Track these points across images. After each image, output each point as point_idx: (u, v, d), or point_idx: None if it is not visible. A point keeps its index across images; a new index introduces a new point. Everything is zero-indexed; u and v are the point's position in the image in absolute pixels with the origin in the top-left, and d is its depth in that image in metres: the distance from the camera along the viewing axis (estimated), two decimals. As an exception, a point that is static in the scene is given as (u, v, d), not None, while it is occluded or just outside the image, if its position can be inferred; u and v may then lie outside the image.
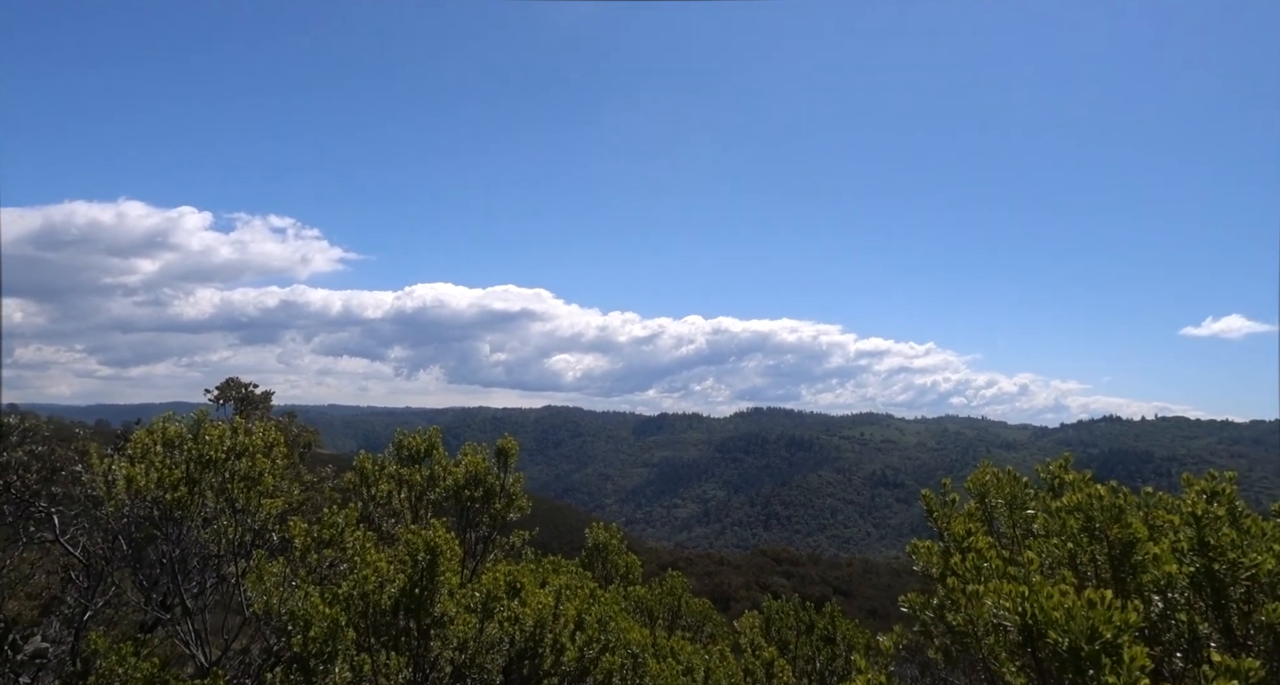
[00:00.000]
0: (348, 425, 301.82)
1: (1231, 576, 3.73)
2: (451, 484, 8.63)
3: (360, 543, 6.23)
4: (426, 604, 6.05)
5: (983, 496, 5.76)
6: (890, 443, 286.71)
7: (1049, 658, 3.03)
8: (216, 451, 6.96)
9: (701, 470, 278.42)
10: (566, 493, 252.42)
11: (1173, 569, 3.89)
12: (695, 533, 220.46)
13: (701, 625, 10.46)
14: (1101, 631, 2.89)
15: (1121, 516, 4.10)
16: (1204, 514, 3.81)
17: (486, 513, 8.73)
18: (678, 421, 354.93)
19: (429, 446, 8.86)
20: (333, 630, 5.56)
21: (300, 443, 11.84)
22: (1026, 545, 5.39)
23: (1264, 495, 8.62)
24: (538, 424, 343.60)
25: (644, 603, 10.00)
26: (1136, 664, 2.78)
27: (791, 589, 47.14)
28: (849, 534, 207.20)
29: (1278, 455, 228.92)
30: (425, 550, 6.21)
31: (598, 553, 10.94)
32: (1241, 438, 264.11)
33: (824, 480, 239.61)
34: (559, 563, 9.62)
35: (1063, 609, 2.96)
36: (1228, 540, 3.78)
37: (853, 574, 68.15)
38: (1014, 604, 3.17)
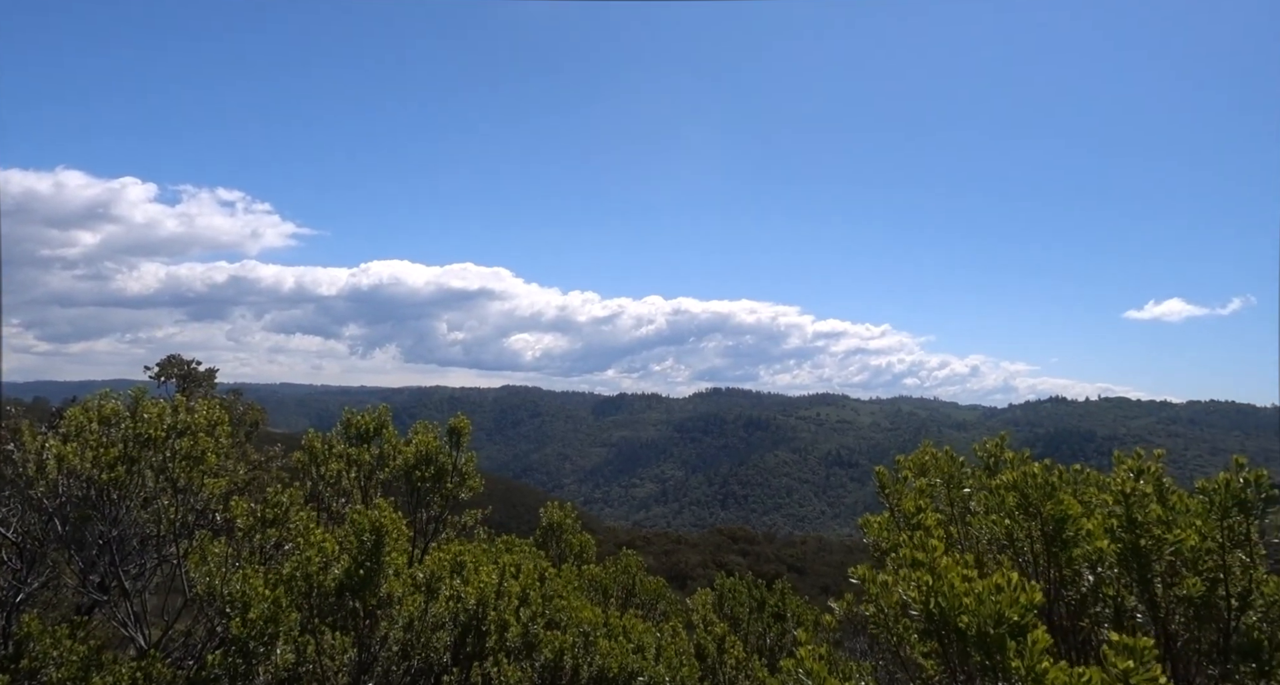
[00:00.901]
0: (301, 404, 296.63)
1: (1157, 552, 3.87)
2: (402, 463, 8.52)
3: (304, 523, 6.12)
4: (372, 584, 5.98)
5: (922, 475, 5.88)
6: (845, 423, 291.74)
7: (956, 641, 3.11)
8: (156, 430, 6.76)
9: (660, 450, 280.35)
10: (525, 473, 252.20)
11: (1103, 544, 4.01)
12: (654, 512, 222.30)
13: (655, 603, 10.56)
14: (1008, 615, 2.97)
15: (1054, 494, 4.21)
16: (1132, 491, 3.93)
17: (438, 492, 8.64)
18: (637, 402, 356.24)
19: (378, 425, 8.73)
20: (273, 612, 5.47)
21: (247, 421, 11.57)
22: (967, 522, 5.53)
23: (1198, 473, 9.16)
24: (496, 404, 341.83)
25: (598, 581, 10.05)
26: (1039, 646, 2.86)
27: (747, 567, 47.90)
28: (804, 513, 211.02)
29: (1212, 434, 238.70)
30: (371, 530, 6.13)
31: (552, 532, 10.95)
32: (1179, 418, 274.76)
33: (781, 460, 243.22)
34: (512, 542, 9.61)
35: (972, 594, 3.03)
36: (1154, 517, 3.92)
37: (807, 552, 69.51)
38: (920, 593, 3.24)
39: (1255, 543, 3.77)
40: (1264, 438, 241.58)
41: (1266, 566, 3.87)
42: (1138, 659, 2.77)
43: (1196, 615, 3.78)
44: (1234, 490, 3.69)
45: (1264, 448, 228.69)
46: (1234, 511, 3.70)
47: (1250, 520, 3.73)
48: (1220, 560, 3.76)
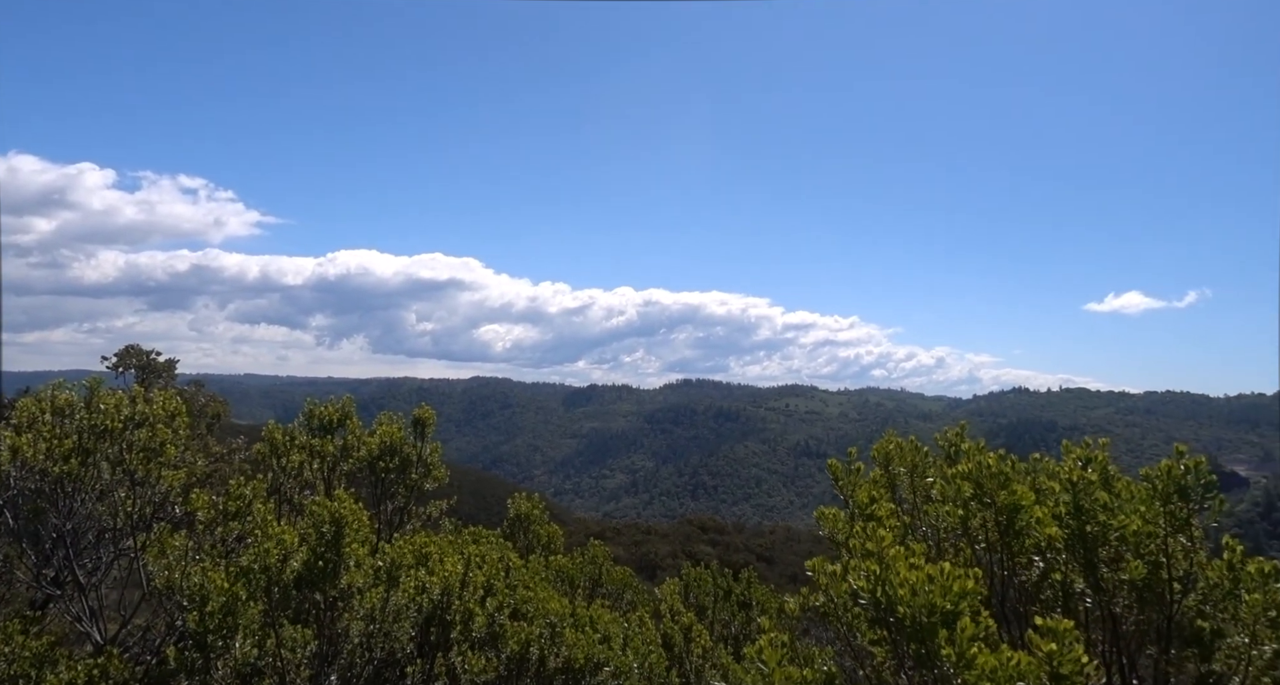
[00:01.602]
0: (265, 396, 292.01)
1: (1102, 537, 3.98)
2: (366, 454, 8.46)
3: (263, 515, 6.05)
4: (332, 576, 5.94)
5: (886, 465, 5.98)
6: (814, 414, 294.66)
7: (897, 629, 3.19)
8: (113, 421, 6.62)
9: (630, 441, 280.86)
10: (495, 464, 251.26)
11: (1052, 531, 4.13)
12: (624, 503, 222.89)
13: (622, 593, 10.62)
14: (939, 604, 3.05)
15: (1008, 483, 4.32)
16: (1079, 480, 4.05)
17: (402, 483, 8.60)
18: (607, 393, 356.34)
19: (342, 416, 8.65)
20: (232, 605, 5.41)
21: (208, 413, 11.37)
22: (924, 510, 5.64)
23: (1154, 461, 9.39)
24: (466, 395, 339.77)
25: (565, 572, 10.08)
26: (967, 633, 2.94)
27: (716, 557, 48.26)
28: (773, 503, 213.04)
29: (1168, 424, 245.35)
30: (331, 522, 6.08)
31: (519, 523, 10.94)
32: (1136, 408, 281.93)
33: (750, 451, 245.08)
34: (479, 533, 9.59)
35: (909, 584, 3.11)
36: (1099, 504, 4.03)
37: (775, 541, 70.24)
38: (868, 582, 3.32)
39: (1195, 527, 3.90)
40: (1217, 427, 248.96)
41: (1207, 550, 4.00)
42: (1061, 641, 2.86)
43: (1139, 598, 3.90)
44: (1175, 477, 3.81)
45: (1217, 437, 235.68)
46: (1175, 498, 3.82)
47: (1191, 506, 3.85)
48: (1163, 545, 3.88)
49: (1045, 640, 3.00)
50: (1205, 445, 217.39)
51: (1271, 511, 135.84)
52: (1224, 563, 3.72)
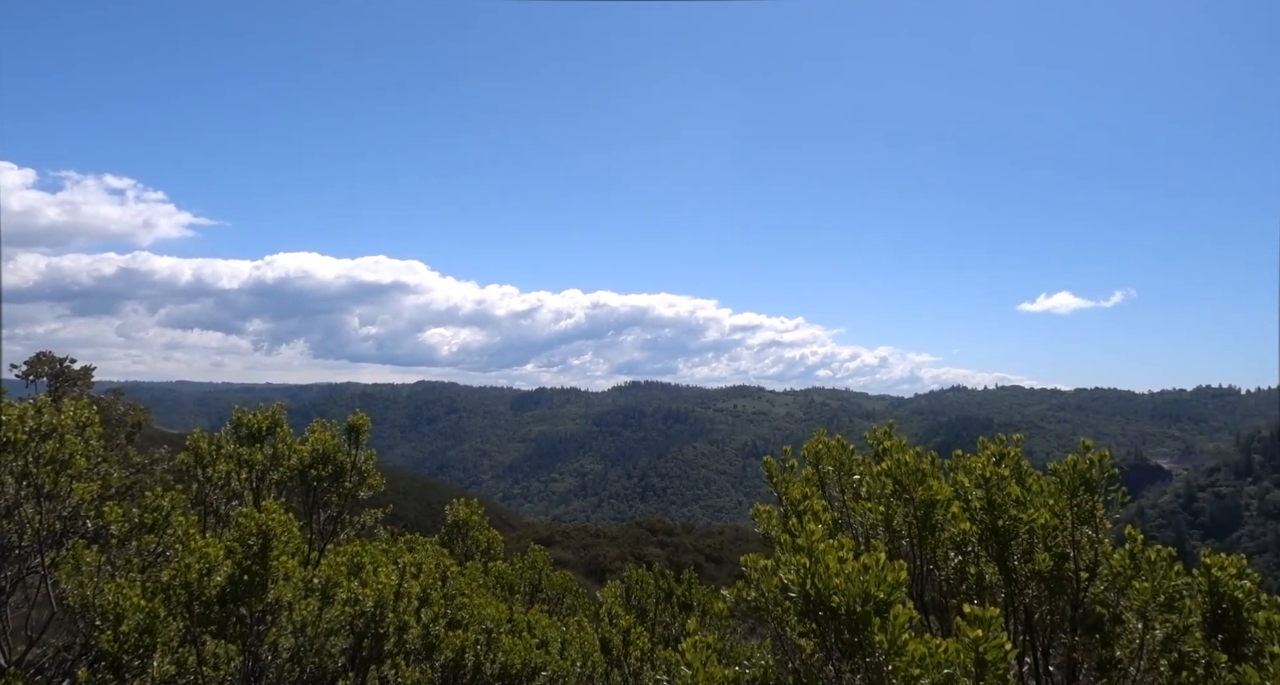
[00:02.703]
0: (199, 403, 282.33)
1: (1013, 531, 4.13)
2: (297, 463, 8.24)
3: (184, 528, 5.85)
4: (258, 590, 5.77)
5: (817, 463, 6.09)
6: (761, 414, 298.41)
7: (829, 620, 3.26)
8: (16, 433, 6.31)
9: (579, 444, 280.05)
10: (441, 470, 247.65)
11: (966, 526, 4.26)
12: (573, 506, 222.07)
13: (562, 598, 10.57)
14: (874, 593, 3.13)
15: (925, 480, 4.44)
16: (991, 475, 4.19)
17: (335, 492, 8.41)
18: (556, 396, 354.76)
19: (272, 424, 8.41)
20: (149, 623, 5.22)
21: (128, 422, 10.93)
22: (851, 508, 5.76)
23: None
24: (411, 400, 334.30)
25: (504, 578, 9.99)
26: (900, 621, 3.03)
27: (665, 558, 48.41)
28: (722, 503, 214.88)
29: (1097, 419, 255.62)
30: (258, 533, 5.91)
31: (457, 529, 10.80)
32: (1067, 404, 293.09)
33: (699, 452, 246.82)
34: (415, 541, 9.44)
35: (843, 575, 3.18)
36: (1012, 498, 4.18)
37: (724, 542, 70.80)
38: (798, 576, 3.39)
39: (1100, 519, 4.07)
40: (1142, 422, 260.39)
41: (1112, 540, 4.18)
42: (986, 628, 2.97)
43: (1048, 588, 4.06)
44: (1081, 471, 3.97)
45: (1142, 431, 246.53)
46: (1081, 490, 3.98)
47: (1095, 498, 4.02)
48: (1070, 536, 4.04)
49: (972, 627, 3.11)
50: (1131, 440, 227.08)
51: (1192, 502, 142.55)
52: (1125, 551, 3.88)
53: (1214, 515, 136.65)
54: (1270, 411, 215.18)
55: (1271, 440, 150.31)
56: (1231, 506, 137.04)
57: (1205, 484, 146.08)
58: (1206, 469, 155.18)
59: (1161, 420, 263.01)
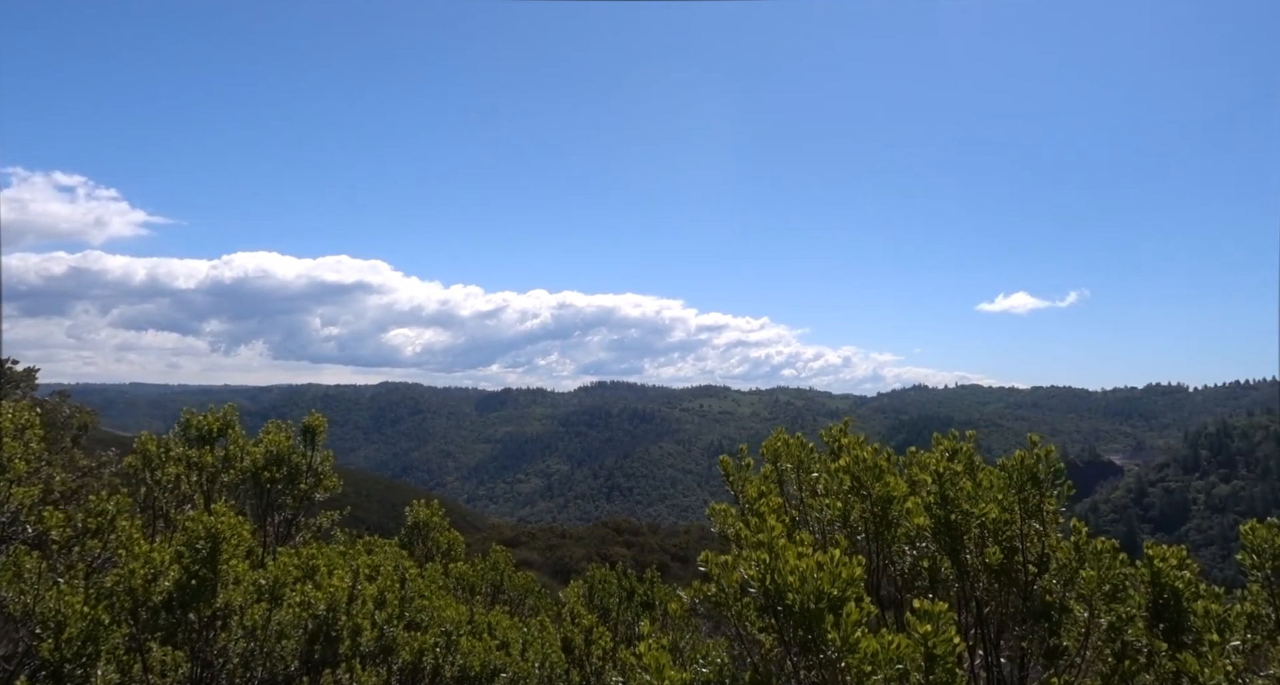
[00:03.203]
0: (154, 406, 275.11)
1: (965, 525, 4.20)
2: (250, 465, 8.07)
3: (129, 532, 5.69)
4: (206, 594, 5.63)
5: (775, 461, 6.13)
6: (727, 414, 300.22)
7: (785, 616, 3.28)
8: (-48, 437, 6.08)
9: (545, 445, 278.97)
10: (405, 471, 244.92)
11: (920, 521, 4.32)
12: (539, 507, 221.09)
13: (524, 598, 10.51)
14: (827, 590, 3.15)
15: (882, 476, 4.50)
16: (944, 471, 4.25)
17: (290, 494, 8.25)
18: (521, 396, 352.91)
19: (224, 425, 8.23)
20: (92, 631, 5.06)
21: (74, 424, 10.61)
22: (810, 505, 5.81)
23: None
24: (374, 401, 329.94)
25: (465, 579, 9.89)
26: (852, 619, 3.05)
27: (631, 558, 48.41)
28: (688, 503, 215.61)
29: (1053, 417, 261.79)
30: (206, 537, 5.77)
31: (418, 531, 10.68)
32: (1024, 402, 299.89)
33: (665, 451, 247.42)
34: (373, 543, 9.30)
35: (798, 572, 3.20)
36: (964, 493, 4.25)
37: (689, 541, 71.06)
38: (758, 572, 3.40)
39: (1048, 512, 4.15)
40: (1095, 419, 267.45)
41: (1059, 533, 4.27)
42: (935, 623, 3.00)
43: (999, 581, 4.13)
44: (1028, 466, 4.05)
45: (1095, 428, 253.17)
46: (1029, 485, 4.06)
47: (1043, 492, 4.10)
48: (1018, 529, 4.12)
49: (921, 622, 3.15)
50: (1086, 436, 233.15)
51: (1143, 497, 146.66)
52: (1071, 543, 3.97)
53: (1163, 509, 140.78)
54: (1216, 408, 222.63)
55: (1217, 436, 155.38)
56: (1180, 501, 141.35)
57: (1155, 479, 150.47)
58: (1156, 465, 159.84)
59: (1114, 417, 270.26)
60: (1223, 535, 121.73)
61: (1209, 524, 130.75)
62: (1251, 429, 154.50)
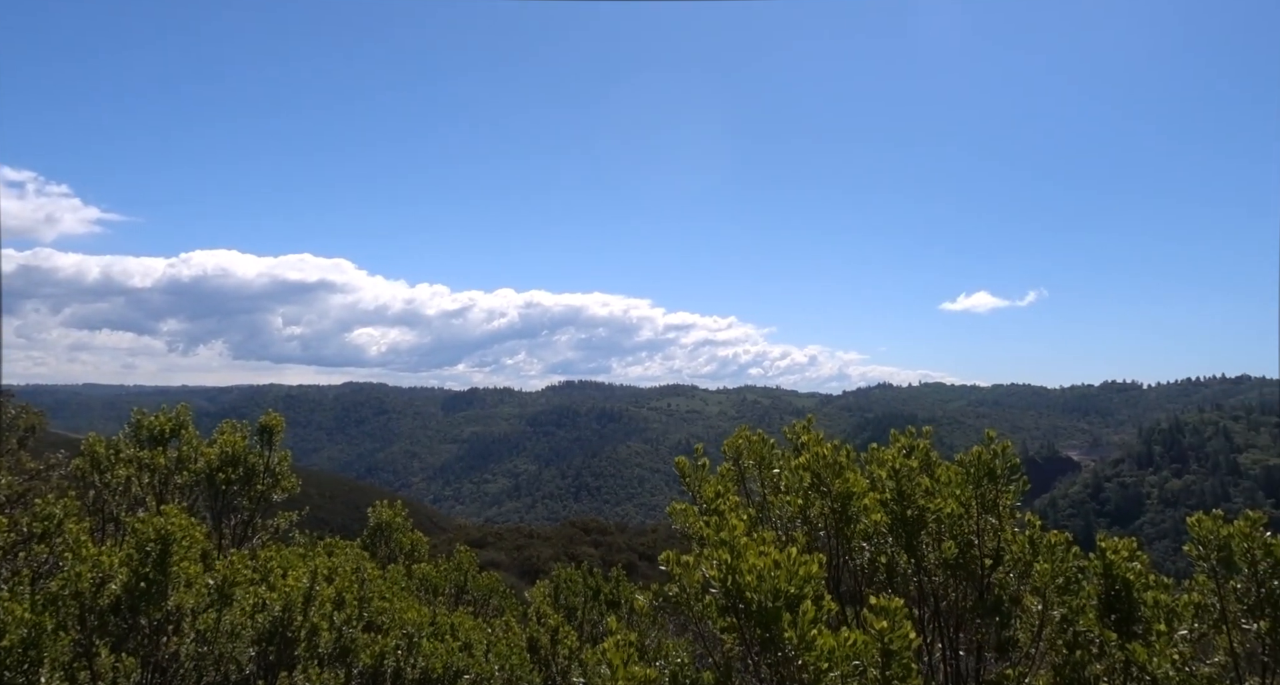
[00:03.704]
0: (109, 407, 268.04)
1: (921, 520, 4.24)
2: (204, 466, 7.88)
3: (76, 536, 5.52)
4: (157, 598, 5.49)
5: (737, 458, 6.15)
6: (695, 413, 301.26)
7: (744, 615, 3.29)
8: (-113, 438, 5.85)
9: (513, 445, 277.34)
10: (370, 472, 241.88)
11: (878, 517, 4.36)
12: (506, 507, 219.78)
13: (488, 599, 10.42)
14: (784, 588, 3.17)
15: (841, 472, 4.53)
16: (901, 467, 4.29)
17: (246, 495, 8.08)
18: (488, 396, 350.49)
19: (177, 426, 8.02)
20: (35, 637, 4.89)
21: (20, 426, 10.26)
22: (771, 502, 5.84)
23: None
24: (338, 401, 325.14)
25: (428, 580, 9.78)
26: (808, 617, 3.07)
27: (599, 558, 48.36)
28: (656, 502, 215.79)
29: (1013, 414, 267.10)
30: (156, 539, 5.62)
31: (380, 532, 10.53)
32: (985, 399, 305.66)
33: (633, 451, 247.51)
34: (334, 544, 9.15)
35: (756, 571, 3.21)
36: (921, 489, 4.30)
37: (657, 540, 71.17)
38: (719, 572, 3.41)
39: (1004, 507, 4.22)
40: (1054, 416, 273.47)
41: (1013, 527, 4.34)
42: (891, 618, 3.03)
43: (955, 575, 4.18)
44: (985, 461, 4.10)
45: (1054, 425, 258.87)
46: (984, 480, 4.12)
47: (999, 487, 4.16)
48: (975, 524, 4.18)
49: (877, 618, 3.17)
50: (1045, 433, 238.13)
51: (1099, 492, 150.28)
52: (1025, 537, 4.03)
53: (1119, 504, 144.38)
54: (1169, 405, 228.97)
55: (1170, 432, 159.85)
56: (1134, 495, 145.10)
57: (1111, 474, 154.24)
58: (1112, 460, 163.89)
59: (1071, 414, 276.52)
60: (1174, 528, 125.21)
61: (1162, 518, 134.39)
62: (1202, 425, 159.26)
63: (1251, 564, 3.73)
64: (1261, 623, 3.72)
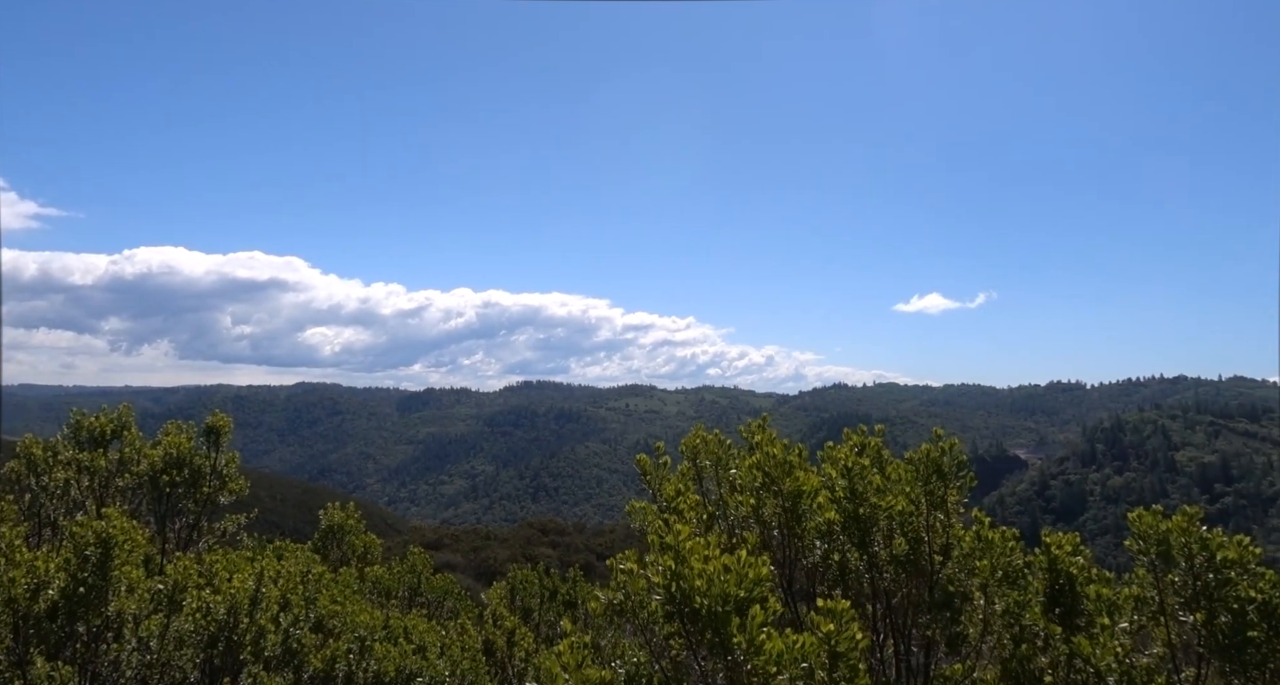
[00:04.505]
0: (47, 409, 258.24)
1: (874, 518, 4.31)
2: (147, 468, 7.64)
3: (9, 540, 5.30)
4: (96, 603, 5.31)
5: (694, 458, 6.17)
6: (653, 413, 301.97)
7: (692, 620, 3.30)
8: None
9: (470, 446, 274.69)
10: (323, 474, 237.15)
11: (830, 515, 4.42)
12: (463, 509, 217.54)
13: (443, 601, 10.30)
14: (733, 593, 3.19)
15: (792, 471, 4.58)
16: (853, 465, 4.36)
17: (192, 498, 7.85)
18: (445, 396, 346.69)
19: (118, 427, 7.77)
20: (-37, 646, 4.69)
21: (-50, 427, 9.82)
22: (727, 501, 5.88)
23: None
24: (290, 402, 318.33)
25: (380, 583, 9.63)
26: (757, 621, 3.10)
27: (557, 558, 48.14)
28: (614, 502, 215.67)
29: (963, 413, 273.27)
30: (96, 543, 5.44)
31: (332, 534, 10.33)
32: (937, 399, 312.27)
33: (591, 451, 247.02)
34: (284, 547, 8.95)
35: (705, 575, 3.23)
36: (873, 487, 4.37)
37: (615, 540, 71.17)
38: (663, 579, 3.42)
39: (952, 504, 4.31)
40: (1002, 415, 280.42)
41: (962, 523, 4.44)
42: (838, 620, 3.07)
43: (905, 572, 4.26)
44: (934, 459, 4.19)
45: (1003, 424, 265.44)
46: (933, 478, 4.20)
47: (947, 484, 4.25)
48: (924, 521, 4.26)
49: (824, 620, 3.20)
50: (994, 432, 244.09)
51: (1045, 489, 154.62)
52: (973, 533, 4.12)
53: (1064, 501, 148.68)
54: (1111, 404, 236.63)
55: (1112, 431, 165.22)
56: (1079, 492, 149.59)
57: (1056, 472, 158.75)
58: (1058, 458, 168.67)
59: (1019, 414, 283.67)
60: (1116, 524, 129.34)
61: (1104, 514, 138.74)
62: (1142, 424, 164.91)
63: (1188, 558, 3.87)
64: (1198, 615, 3.86)
